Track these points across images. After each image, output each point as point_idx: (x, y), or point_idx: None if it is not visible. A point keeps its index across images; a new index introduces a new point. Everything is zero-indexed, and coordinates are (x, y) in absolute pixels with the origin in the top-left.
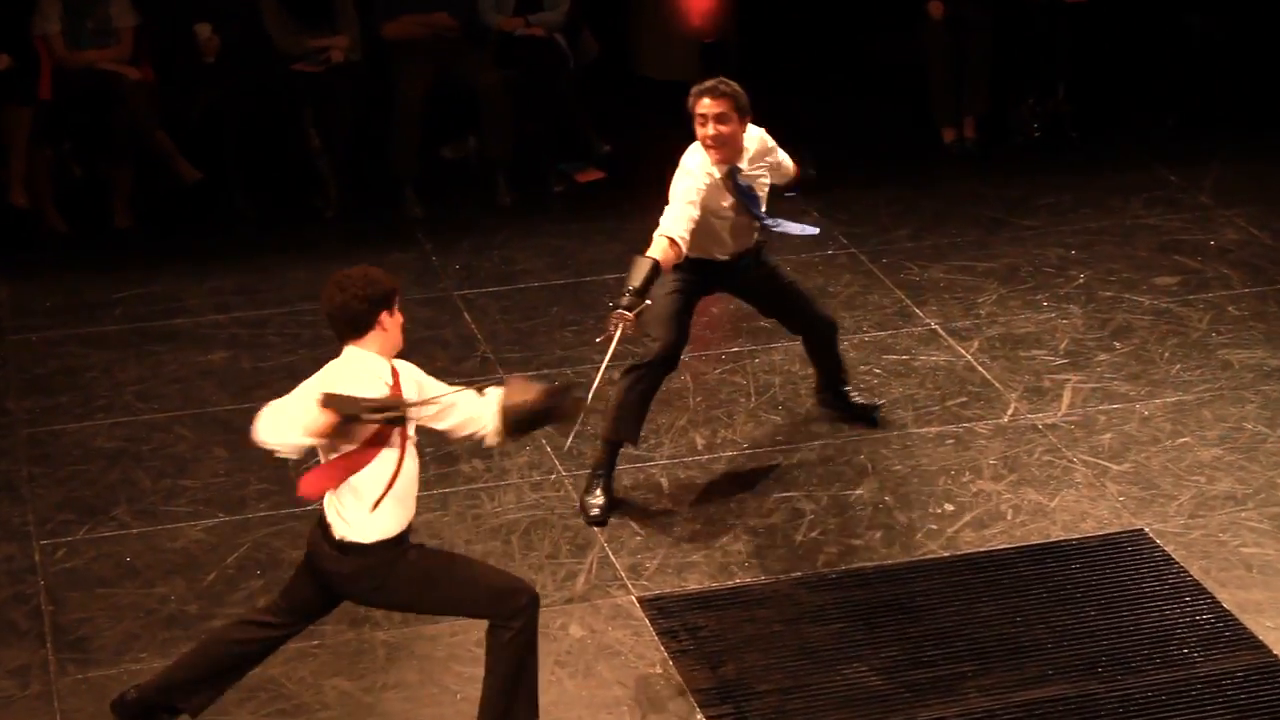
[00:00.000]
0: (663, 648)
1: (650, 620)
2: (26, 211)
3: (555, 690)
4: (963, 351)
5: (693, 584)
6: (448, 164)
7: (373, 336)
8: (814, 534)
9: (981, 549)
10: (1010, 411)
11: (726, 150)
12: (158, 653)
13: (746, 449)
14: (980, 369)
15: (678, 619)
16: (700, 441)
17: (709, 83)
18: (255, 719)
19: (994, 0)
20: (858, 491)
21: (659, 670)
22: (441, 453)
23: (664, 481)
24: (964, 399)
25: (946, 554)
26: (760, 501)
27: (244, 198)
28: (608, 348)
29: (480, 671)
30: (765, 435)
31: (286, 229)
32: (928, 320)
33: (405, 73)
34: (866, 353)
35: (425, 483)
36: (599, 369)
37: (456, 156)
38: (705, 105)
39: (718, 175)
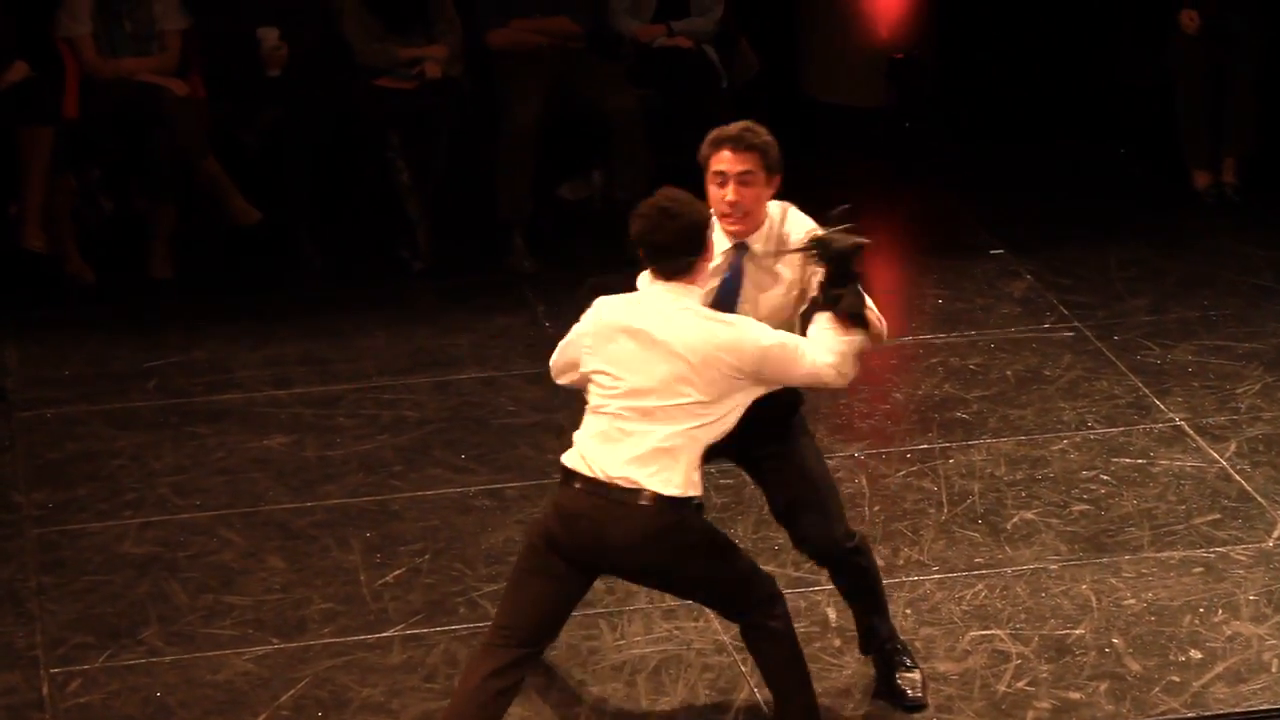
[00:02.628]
0: None
1: None
2: (43, 256)
3: None
4: (1216, 455)
5: None
6: (567, 206)
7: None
8: (1021, 683)
9: (1238, 709)
10: (1277, 533)
11: (747, 223)
12: None
13: (936, 572)
14: (1238, 478)
15: None
16: (878, 561)
17: (733, 128)
18: None
19: (1264, 8)
20: (1078, 631)
21: None
22: None
23: (831, 612)
24: (1217, 516)
25: (1192, 715)
26: (953, 640)
27: (313, 245)
28: None
29: None
30: (960, 556)
31: (364, 285)
32: (1171, 415)
33: (516, 91)
34: (1092, 454)
35: None
36: None
37: (578, 197)
38: (725, 160)
39: (717, 256)
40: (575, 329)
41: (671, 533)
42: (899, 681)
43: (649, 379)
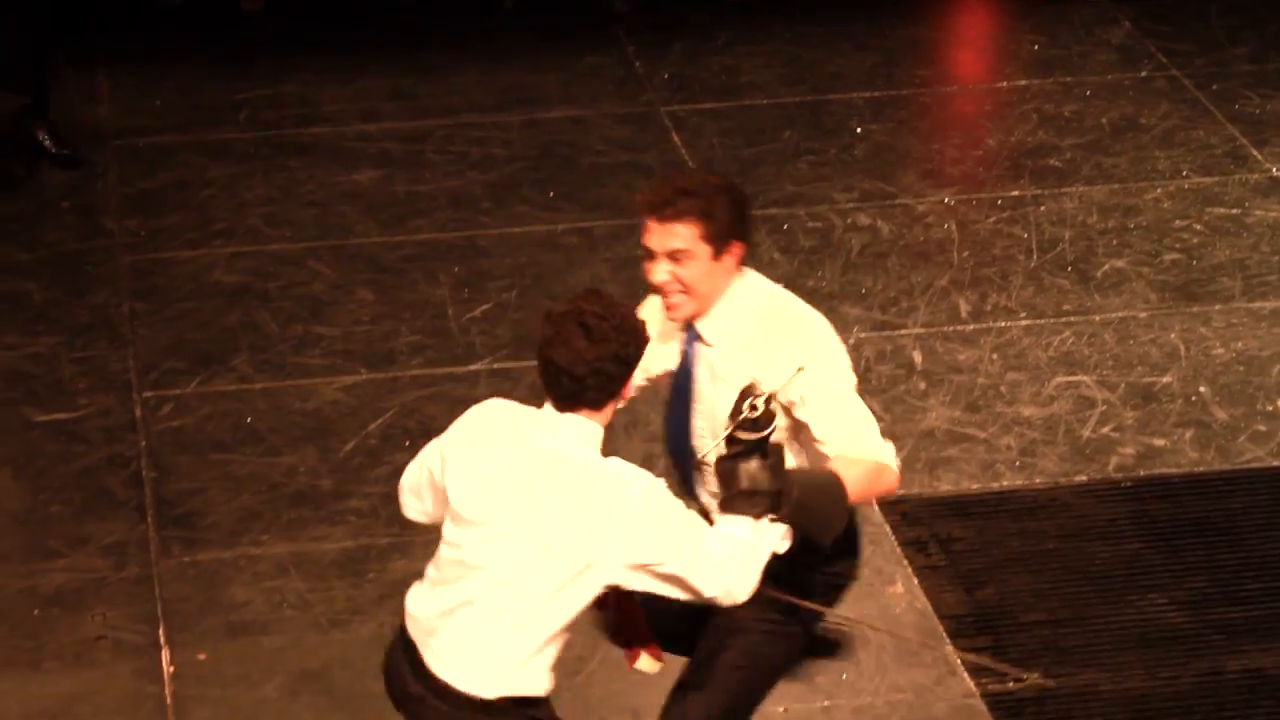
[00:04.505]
0: (906, 562)
1: (892, 527)
2: None
3: None
4: None
5: (947, 485)
6: None
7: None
8: (1105, 429)
9: None
10: None
11: (690, 306)
12: (281, 535)
13: (1024, 318)
14: None
15: (926, 528)
16: (965, 307)
17: (662, 187)
18: None
19: None
20: (1164, 379)
21: (900, 589)
22: None
23: (917, 355)
24: None
25: (1276, 464)
26: (1038, 386)
27: None
28: None
29: None
30: (1049, 303)
31: (455, 20)
32: (1268, 165)
33: None
34: (1186, 204)
35: None
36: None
37: None
38: (653, 232)
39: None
40: None
41: None
42: None
43: None
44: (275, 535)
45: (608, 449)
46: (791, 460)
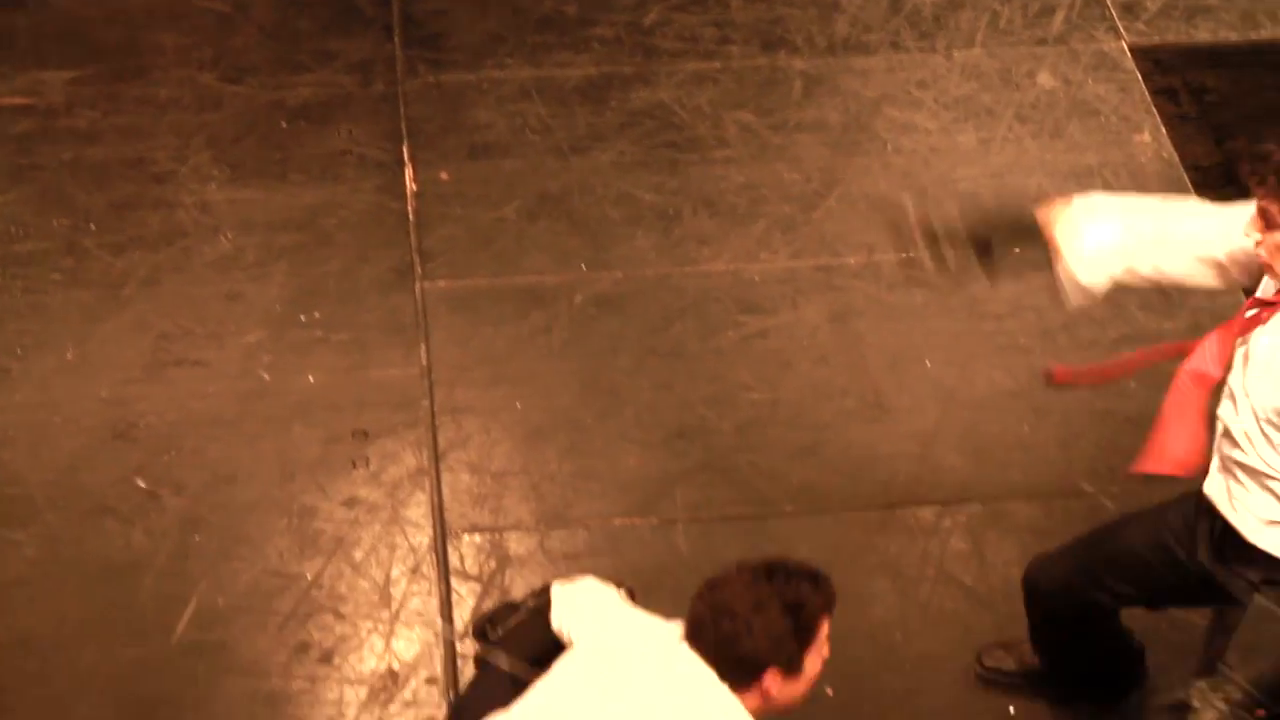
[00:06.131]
0: (1155, 111)
1: (1143, 75)
2: None
3: (1013, 149)
4: None
5: (1204, 34)
6: None
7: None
8: None
9: None
10: None
11: None
12: (525, 60)
13: None
14: None
15: (1179, 76)
16: None
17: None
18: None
19: None
20: None
21: (1147, 138)
22: None
23: None
24: None
25: None
26: None
27: None
28: None
29: None
30: None
31: None
32: None
33: None
34: None
35: None
36: None
37: None
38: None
39: None
40: None
41: None
42: None
43: None
44: (520, 59)
45: None
46: None
